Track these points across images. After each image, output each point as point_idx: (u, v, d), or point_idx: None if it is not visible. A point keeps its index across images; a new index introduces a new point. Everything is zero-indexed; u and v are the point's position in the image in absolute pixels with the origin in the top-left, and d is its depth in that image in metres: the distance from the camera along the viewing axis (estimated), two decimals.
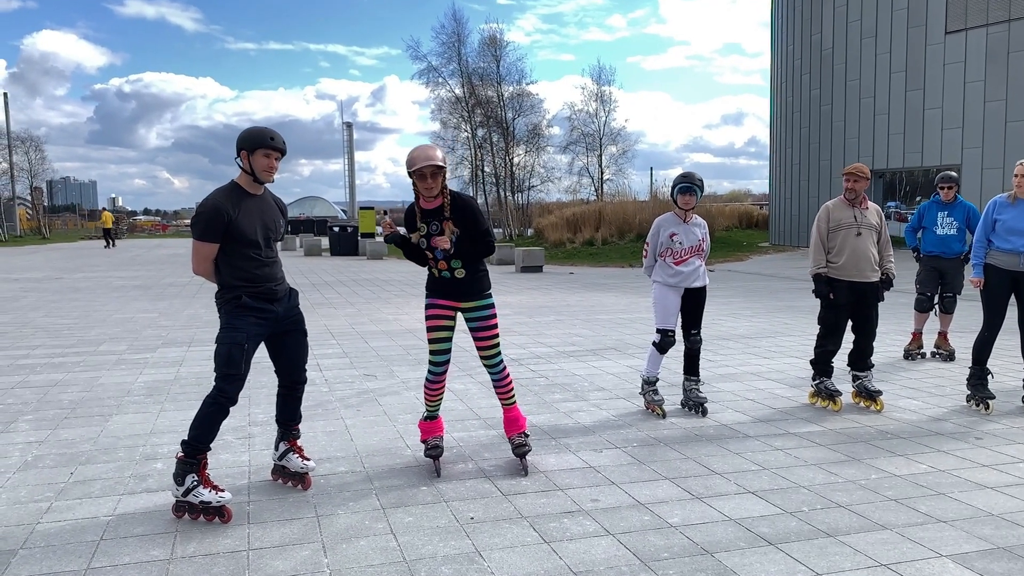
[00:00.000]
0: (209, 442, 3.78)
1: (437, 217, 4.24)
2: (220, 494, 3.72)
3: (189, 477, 3.71)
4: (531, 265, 20.41)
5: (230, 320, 3.79)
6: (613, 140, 41.82)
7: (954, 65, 21.37)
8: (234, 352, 3.75)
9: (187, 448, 3.74)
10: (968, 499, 4.02)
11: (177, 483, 3.73)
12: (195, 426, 3.74)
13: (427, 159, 4.09)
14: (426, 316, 4.45)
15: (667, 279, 5.63)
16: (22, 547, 3.43)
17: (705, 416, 5.62)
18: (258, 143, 3.78)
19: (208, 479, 3.77)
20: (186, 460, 3.73)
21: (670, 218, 5.68)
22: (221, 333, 3.80)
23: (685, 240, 5.59)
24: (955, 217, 7.64)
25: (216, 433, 3.80)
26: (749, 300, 13.50)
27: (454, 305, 4.40)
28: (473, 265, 4.36)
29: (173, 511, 3.77)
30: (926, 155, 22.48)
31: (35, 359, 7.87)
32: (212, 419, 3.75)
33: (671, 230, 5.61)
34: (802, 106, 27.20)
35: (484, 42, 39.26)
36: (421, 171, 4.09)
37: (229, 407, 3.78)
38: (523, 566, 3.26)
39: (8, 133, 45.81)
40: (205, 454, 3.79)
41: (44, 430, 5.26)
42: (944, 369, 7.38)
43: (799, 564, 3.28)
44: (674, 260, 5.59)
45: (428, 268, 4.43)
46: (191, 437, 3.74)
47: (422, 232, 4.28)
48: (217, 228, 3.72)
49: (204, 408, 3.75)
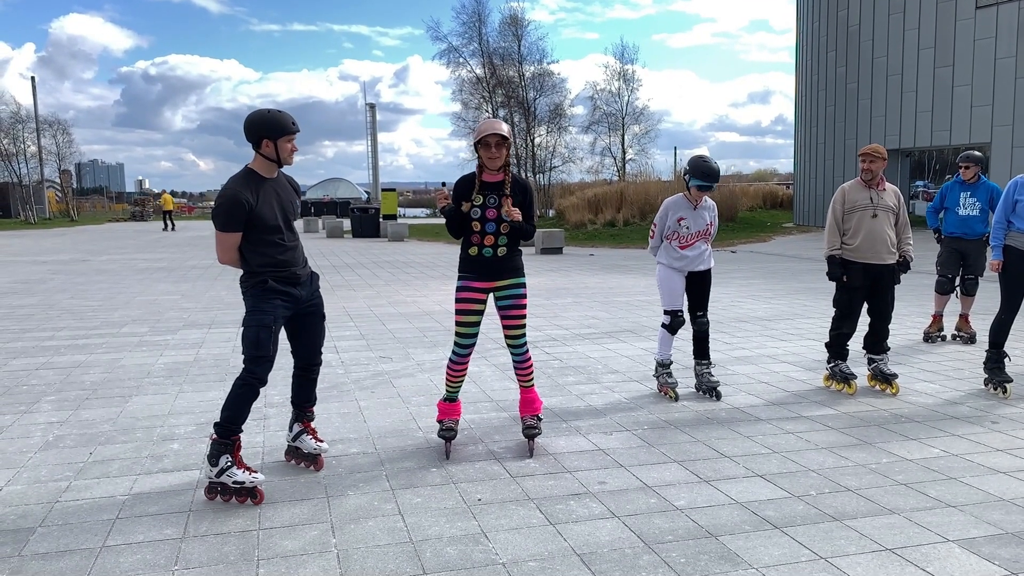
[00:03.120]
0: (241, 423, 3.83)
1: (497, 191, 4.29)
2: (253, 475, 3.78)
3: (223, 458, 3.76)
4: (551, 247, 20.37)
5: (257, 303, 3.83)
6: (636, 119, 41.63)
7: (984, 41, 20.89)
8: (262, 334, 3.80)
9: (220, 430, 3.80)
10: (980, 484, 3.99)
11: (211, 464, 3.79)
12: (227, 407, 3.79)
13: (492, 129, 4.20)
14: (457, 298, 4.45)
15: (672, 262, 5.61)
16: (40, 525, 3.52)
17: (719, 400, 5.61)
18: (283, 130, 3.79)
19: (242, 460, 3.83)
20: (220, 441, 3.79)
21: (680, 201, 5.62)
22: (248, 316, 3.84)
23: (693, 225, 5.55)
24: (978, 197, 7.51)
25: (247, 414, 3.84)
26: (769, 281, 13.40)
27: (488, 286, 4.42)
28: (515, 245, 4.41)
29: (205, 492, 3.83)
30: (955, 133, 22.05)
31: (59, 340, 8.03)
32: (243, 400, 3.80)
33: (680, 214, 5.56)
34: (827, 84, 26.77)
35: (505, 21, 39.06)
36: (486, 140, 4.20)
37: (259, 388, 3.84)
38: (527, 547, 3.30)
39: (36, 117, 46.44)
40: (238, 435, 3.84)
41: (66, 411, 5.38)
42: (964, 352, 7.29)
43: (803, 548, 3.28)
44: (680, 244, 5.56)
45: (465, 246, 4.41)
46: (223, 419, 3.79)
47: (476, 203, 4.30)
48: (239, 217, 3.74)
49: (235, 390, 3.80)
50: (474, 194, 4.32)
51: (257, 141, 3.81)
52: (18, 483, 4.04)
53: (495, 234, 4.32)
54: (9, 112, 45.09)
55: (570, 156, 41.77)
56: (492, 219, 4.29)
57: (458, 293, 4.45)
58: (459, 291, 4.45)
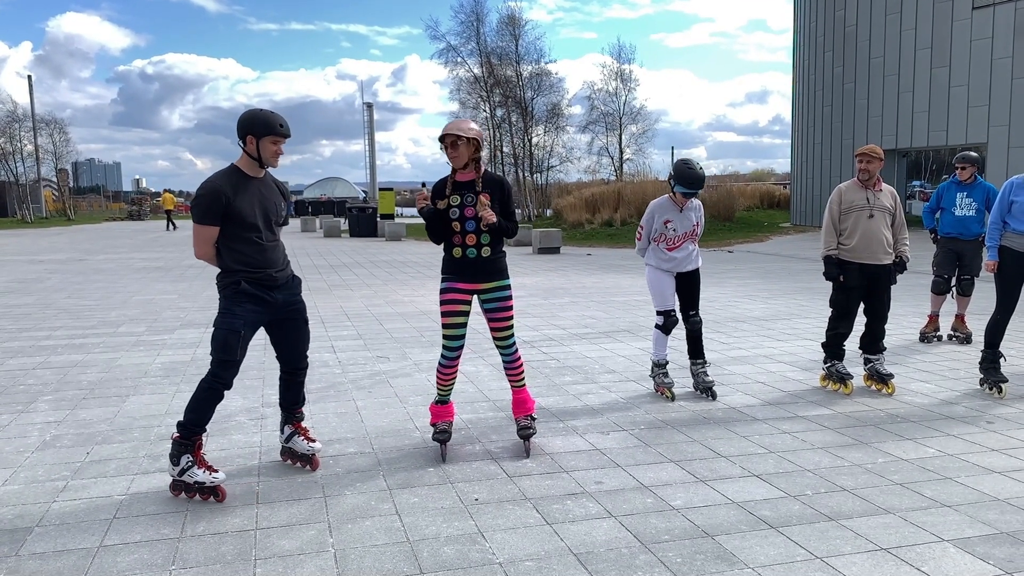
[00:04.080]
0: (204, 424, 3.85)
1: (471, 190, 4.28)
2: (214, 475, 3.80)
3: (184, 458, 3.79)
4: (548, 246, 20.40)
5: (228, 305, 3.85)
6: (633, 119, 41.55)
7: (981, 41, 20.92)
8: (230, 339, 3.81)
9: (182, 430, 3.82)
10: (975, 484, 4.01)
11: (172, 463, 3.82)
12: (190, 409, 3.82)
13: (452, 129, 4.19)
14: (442, 300, 4.42)
15: (660, 263, 5.63)
16: (37, 525, 3.53)
17: (715, 399, 5.62)
18: (269, 130, 3.79)
19: (203, 460, 3.85)
20: (181, 441, 3.82)
21: (666, 203, 5.61)
22: (219, 318, 3.86)
23: (679, 227, 5.56)
24: (974, 198, 7.53)
25: (211, 416, 3.87)
26: (767, 281, 13.42)
27: (472, 288, 4.39)
28: (498, 244, 4.39)
29: (171, 489, 3.87)
30: (951, 134, 22.08)
31: (56, 340, 8.02)
32: (207, 403, 3.83)
33: (666, 216, 5.56)
34: (825, 84, 26.79)
35: (503, 21, 39.03)
36: (444, 139, 4.20)
37: (223, 391, 3.86)
38: (524, 547, 3.31)
39: (33, 115, 46.39)
40: (200, 436, 3.86)
41: (63, 410, 5.38)
42: (960, 352, 7.31)
43: (799, 547, 3.29)
44: (668, 246, 5.57)
45: (447, 248, 4.39)
46: (186, 420, 3.82)
47: (454, 203, 4.29)
48: (216, 210, 3.74)
49: (199, 392, 3.83)
50: (449, 194, 4.31)
51: (243, 138, 3.82)
52: (15, 483, 4.04)
53: (476, 232, 4.29)
54: (6, 111, 45.06)
55: (567, 156, 41.74)
56: (471, 217, 4.26)
57: (442, 295, 4.42)
58: (443, 293, 4.42)
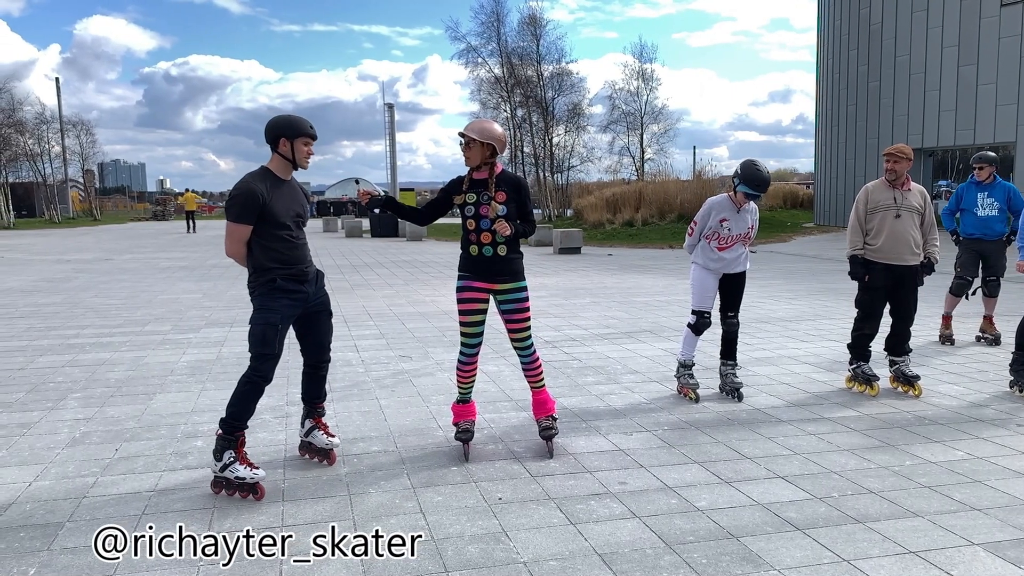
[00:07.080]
0: (246, 420, 3.91)
1: (486, 188, 4.28)
2: (255, 471, 3.84)
3: (227, 453, 3.84)
4: (569, 246, 20.36)
5: (264, 302, 3.90)
6: (655, 119, 41.42)
7: (1009, 39, 20.62)
8: (268, 332, 3.86)
9: (224, 426, 3.87)
10: (1005, 487, 3.95)
11: (216, 459, 3.87)
12: (232, 404, 3.88)
13: (470, 129, 4.24)
14: (459, 299, 4.42)
15: (708, 263, 5.56)
16: (69, 520, 3.58)
17: (740, 401, 5.58)
18: (301, 131, 3.91)
19: (245, 456, 3.90)
20: (224, 437, 3.87)
21: (724, 202, 5.51)
22: (255, 314, 3.91)
23: (735, 228, 5.46)
24: (995, 197, 7.45)
25: (252, 411, 3.92)
26: (790, 282, 13.31)
27: (489, 287, 4.39)
28: (514, 244, 4.38)
29: (211, 486, 3.91)
30: (979, 132, 21.77)
31: (84, 339, 8.13)
32: (248, 398, 3.88)
33: (723, 215, 5.47)
34: (849, 83, 26.53)
35: (523, 21, 39.06)
36: (464, 136, 4.27)
37: (264, 386, 3.90)
38: (548, 547, 3.31)
39: (60, 117, 47.07)
40: (242, 432, 3.92)
41: (91, 408, 5.45)
42: (989, 354, 7.21)
43: (825, 550, 3.26)
44: (719, 245, 5.48)
45: (463, 245, 4.40)
46: (228, 415, 3.87)
47: (470, 200, 4.29)
48: (253, 210, 3.82)
49: (240, 387, 3.88)
50: (465, 190, 4.32)
51: (275, 140, 3.92)
52: (46, 479, 4.10)
53: (491, 231, 4.29)
54: (34, 113, 45.75)
55: (588, 156, 41.72)
56: (485, 215, 4.26)
57: (459, 293, 4.41)
58: (460, 291, 4.41)
